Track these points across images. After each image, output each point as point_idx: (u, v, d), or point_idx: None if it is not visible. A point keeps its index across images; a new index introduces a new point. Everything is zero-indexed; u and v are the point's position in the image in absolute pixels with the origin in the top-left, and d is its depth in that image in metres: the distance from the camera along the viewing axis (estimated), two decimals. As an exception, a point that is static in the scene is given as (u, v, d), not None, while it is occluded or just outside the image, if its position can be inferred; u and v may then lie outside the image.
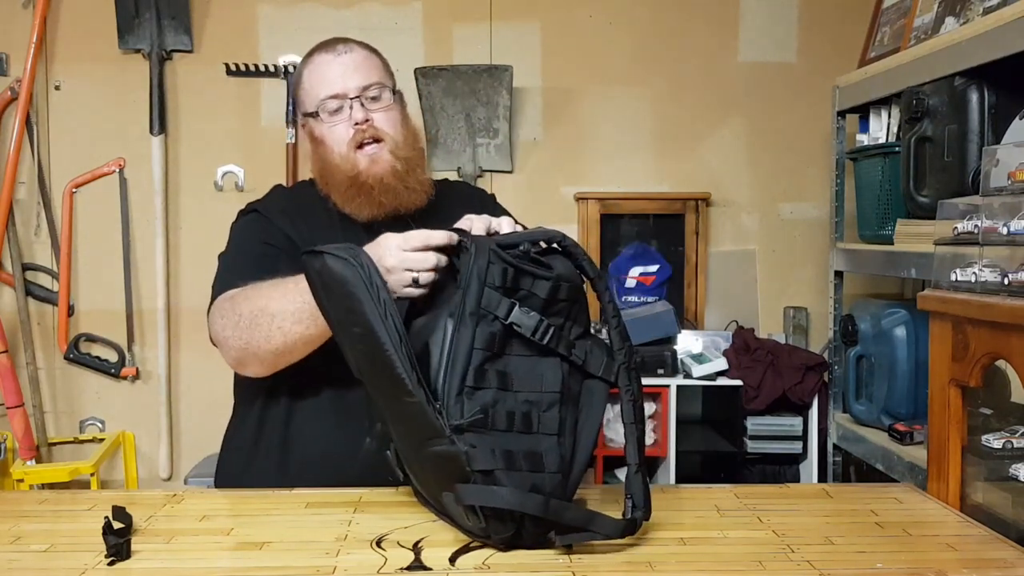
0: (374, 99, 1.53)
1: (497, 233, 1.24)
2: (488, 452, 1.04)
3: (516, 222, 1.31)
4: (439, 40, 3.09)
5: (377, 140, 1.52)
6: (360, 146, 1.51)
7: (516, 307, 1.08)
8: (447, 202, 1.58)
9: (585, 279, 1.15)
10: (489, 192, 1.78)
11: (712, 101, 3.13)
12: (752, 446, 2.76)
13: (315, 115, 1.54)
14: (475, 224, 1.24)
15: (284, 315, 1.34)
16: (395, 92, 1.58)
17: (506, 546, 1.08)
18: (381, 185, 1.49)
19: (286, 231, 1.52)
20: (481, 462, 1.04)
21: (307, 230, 1.51)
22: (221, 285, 1.47)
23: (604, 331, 1.17)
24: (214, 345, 1.46)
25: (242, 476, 1.50)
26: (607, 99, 3.12)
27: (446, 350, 1.08)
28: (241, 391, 1.58)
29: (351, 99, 1.51)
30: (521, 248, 1.13)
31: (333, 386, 1.44)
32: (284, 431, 1.48)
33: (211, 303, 1.47)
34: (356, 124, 1.51)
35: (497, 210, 1.66)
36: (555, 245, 1.15)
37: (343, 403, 1.45)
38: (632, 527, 1.08)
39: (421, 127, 3.02)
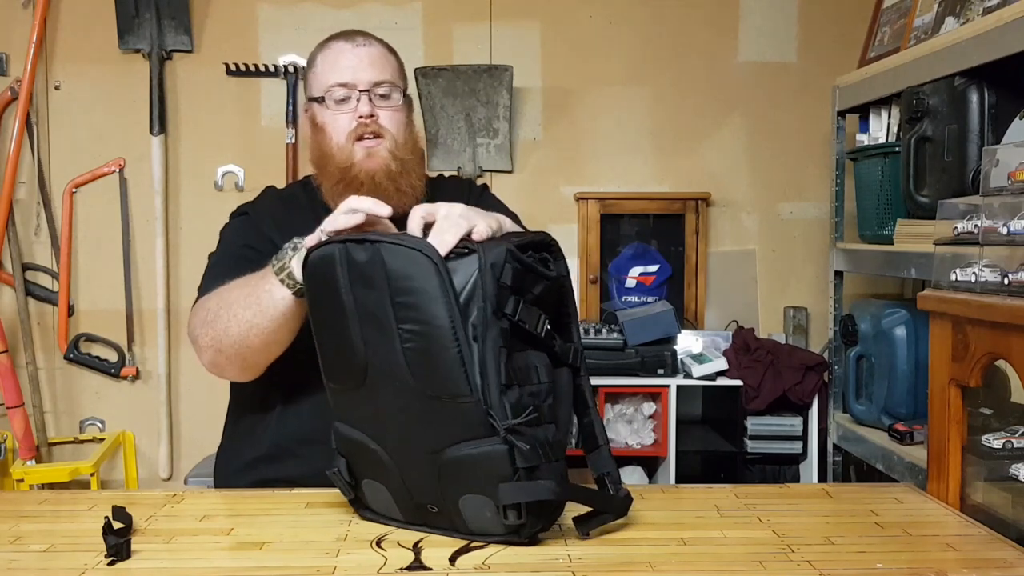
0: (383, 96, 1.50)
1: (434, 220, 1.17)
2: (535, 448, 1.05)
3: (512, 215, 1.30)
4: (439, 40, 3.09)
5: (377, 136, 1.49)
6: (359, 139, 1.48)
7: (521, 304, 1.09)
8: (436, 200, 1.55)
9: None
10: (480, 183, 1.75)
11: (712, 101, 3.13)
12: (752, 446, 2.76)
13: (320, 100, 1.51)
14: (414, 214, 1.18)
15: (236, 303, 1.34)
16: (405, 95, 1.55)
17: (529, 540, 1.09)
18: (372, 183, 1.46)
19: (272, 236, 1.49)
20: (531, 458, 1.04)
21: (294, 233, 1.48)
22: (203, 289, 1.47)
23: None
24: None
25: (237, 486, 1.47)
26: (607, 99, 3.12)
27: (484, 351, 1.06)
28: (235, 399, 1.57)
29: (360, 91, 1.49)
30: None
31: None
32: (278, 440, 1.46)
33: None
34: (360, 117, 1.48)
35: (485, 198, 1.64)
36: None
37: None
38: (629, 500, 1.14)
39: (422, 130, 3.03)
